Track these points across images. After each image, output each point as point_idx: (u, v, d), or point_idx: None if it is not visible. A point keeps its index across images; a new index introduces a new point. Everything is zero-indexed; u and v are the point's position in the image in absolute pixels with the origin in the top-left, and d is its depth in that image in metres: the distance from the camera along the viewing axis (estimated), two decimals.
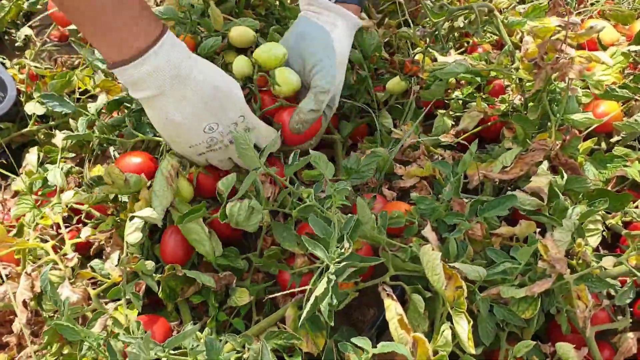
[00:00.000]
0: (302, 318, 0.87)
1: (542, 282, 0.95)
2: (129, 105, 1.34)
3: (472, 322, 0.89)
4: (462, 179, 1.11)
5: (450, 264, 0.95)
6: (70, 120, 1.38)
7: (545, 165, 1.07)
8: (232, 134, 1.06)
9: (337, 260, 0.88)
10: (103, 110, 1.35)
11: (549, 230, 1.08)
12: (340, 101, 1.46)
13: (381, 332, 1.20)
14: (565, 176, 1.08)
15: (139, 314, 1.05)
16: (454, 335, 0.90)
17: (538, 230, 1.03)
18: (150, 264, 1.02)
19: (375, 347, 0.86)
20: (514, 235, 1.10)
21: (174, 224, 1.14)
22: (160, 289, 1.10)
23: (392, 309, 0.95)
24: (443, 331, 0.90)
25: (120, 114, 1.37)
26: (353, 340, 0.87)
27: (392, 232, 1.12)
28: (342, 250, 0.88)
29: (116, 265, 1.04)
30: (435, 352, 0.90)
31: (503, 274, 0.99)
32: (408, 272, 1.04)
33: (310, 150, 1.04)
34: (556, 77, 1.13)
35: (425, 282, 1.02)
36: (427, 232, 1.04)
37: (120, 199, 1.21)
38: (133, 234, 1.02)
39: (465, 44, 1.69)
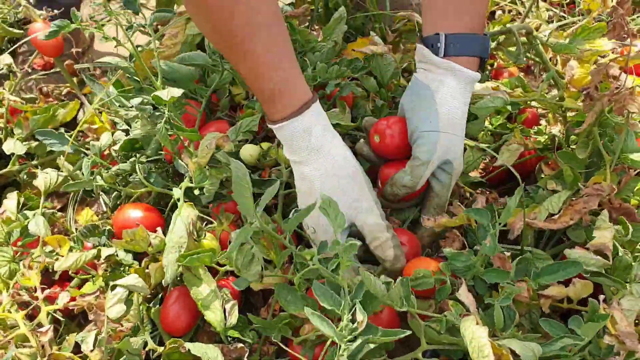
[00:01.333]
0: None
1: None
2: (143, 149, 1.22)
3: None
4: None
5: (498, 342, 0.79)
6: (59, 159, 1.24)
7: (606, 216, 0.91)
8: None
9: (348, 338, 0.72)
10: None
11: (607, 292, 0.92)
12: (356, 134, 1.32)
13: None
14: (631, 228, 0.91)
15: None
16: None
17: (602, 297, 0.86)
18: (136, 342, 0.86)
19: None
20: (565, 297, 0.94)
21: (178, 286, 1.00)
22: None
23: None
24: None
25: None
26: None
27: (420, 293, 0.97)
28: (355, 325, 0.73)
29: (93, 348, 0.88)
30: None
31: (561, 350, 0.83)
32: (443, 345, 0.88)
33: (321, 193, 0.88)
34: (610, 109, 0.97)
35: (462, 355, 0.88)
36: (463, 294, 0.88)
37: (116, 256, 1.06)
38: (114, 307, 0.87)
39: (489, 67, 1.54)
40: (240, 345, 0.94)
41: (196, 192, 1.09)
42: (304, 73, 1.26)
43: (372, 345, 0.75)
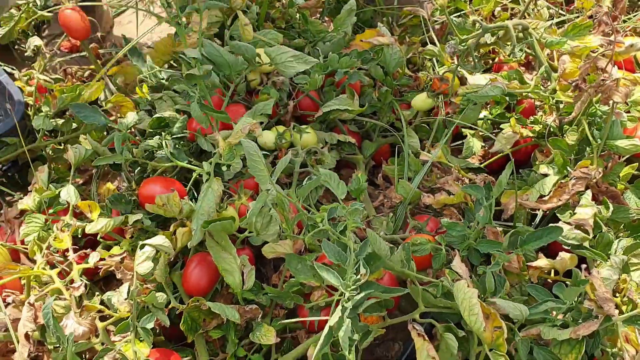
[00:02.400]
0: (316, 351, 0.80)
1: (588, 324, 0.87)
2: (168, 127, 1.28)
3: None
4: (494, 207, 1.04)
5: (488, 301, 0.88)
6: (82, 136, 1.32)
7: (589, 195, 1.00)
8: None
9: (352, 287, 0.80)
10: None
11: (590, 264, 1.01)
12: (362, 120, 1.40)
13: None
14: (611, 207, 1.00)
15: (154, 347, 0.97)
16: None
17: (584, 266, 0.95)
18: (161, 297, 0.95)
19: None
20: (552, 269, 1.03)
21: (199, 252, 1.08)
22: (182, 321, 1.02)
23: (424, 351, 0.87)
24: None
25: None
26: None
27: (420, 264, 1.05)
28: (359, 277, 0.81)
29: (125, 299, 0.97)
30: None
31: (545, 313, 0.92)
32: (439, 309, 0.97)
33: (321, 170, 0.96)
34: (598, 99, 1.06)
35: (457, 319, 0.95)
36: (457, 264, 0.97)
37: (142, 223, 1.15)
38: (143, 263, 0.96)
39: (490, 61, 1.63)
40: (254, 306, 1.03)
41: (224, 168, 1.17)
42: (318, 62, 1.35)
43: (373, 300, 0.83)
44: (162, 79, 1.25)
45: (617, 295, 0.98)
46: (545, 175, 1.14)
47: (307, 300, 1.04)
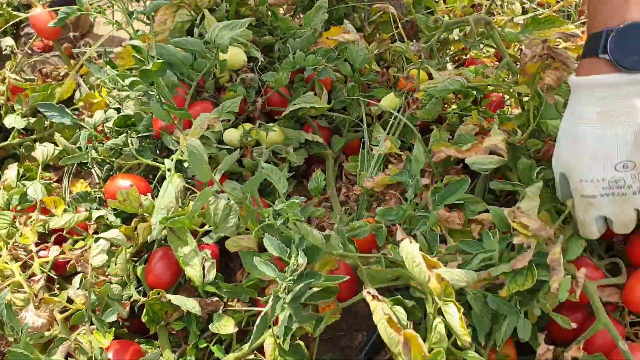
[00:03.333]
0: (249, 343, 0.81)
1: (523, 256, 0.88)
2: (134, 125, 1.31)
3: (462, 310, 0.82)
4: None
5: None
6: (56, 134, 1.34)
7: (497, 124, 1.03)
8: None
9: (289, 278, 0.82)
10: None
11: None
12: (333, 115, 1.42)
13: (373, 355, 1.15)
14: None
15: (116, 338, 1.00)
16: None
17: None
18: (117, 288, 0.96)
19: None
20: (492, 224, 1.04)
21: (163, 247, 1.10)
22: (144, 313, 1.05)
23: (379, 310, 0.87)
24: (436, 326, 0.83)
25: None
26: None
27: (367, 247, 1.08)
28: (294, 267, 0.82)
29: (77, 289, 0.99)
30: (430, 350, 0.83)
31: (481, 263, 0.93)
32: (389, 284, 0.98)
33: (263, 164, 0.97)
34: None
35: (407, 293, 0.96)
36: (399, 233, 0.98)
37: (106, 218, 1.17)
38: (98, 256, 0.98)
39: (463, 57, 1.65)
40: (216, 299, 1.05)
41: (185, 164, 1.19)
42: (286, 59, 1.37)
43: (316, 288, 0.85)
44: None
45: None
46: None
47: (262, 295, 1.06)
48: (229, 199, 0.96)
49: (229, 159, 0.93)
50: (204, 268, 1.06)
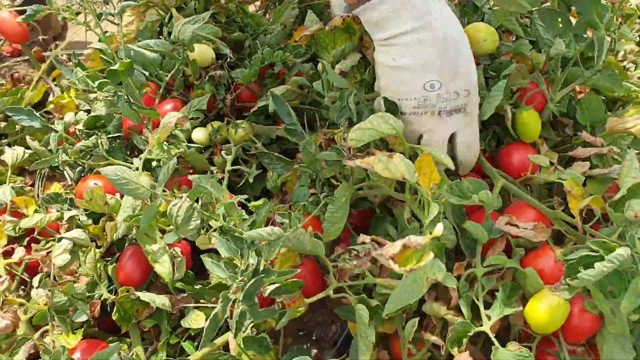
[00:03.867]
0: (203, 339, 0.83)
1: None
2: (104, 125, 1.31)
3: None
4: None
5: None
6: (27, 138, 1.34)
7: None
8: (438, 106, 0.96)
9: (239, 279, 0.83)
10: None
11: None
12: (308, 109, 1.42)
13: (347, 346, 1.16)
14: None
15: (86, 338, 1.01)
16: None
17: None
18: (80, 287, 0.97)
19: None
20: None
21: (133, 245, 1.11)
22: (115, 311, 1.05)
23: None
24: None
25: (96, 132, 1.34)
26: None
27: None
28: (244, 268, 0.83)
29: (37, 288, 0.99)
30: None
31: None
32: (353, 283, 0.99)
33: (194, 177, 0.96)
34: None
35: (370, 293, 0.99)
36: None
37: (77, 219, 1.17)
38: (60, 255, 0.98)
39: None
40: (186, 295, 1.06)
41: (154, 164, 1.20)
42: (255, 55, 1.37)
43: (274, 285, 0.86)
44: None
45: None
46: None
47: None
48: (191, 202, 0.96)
49: (165, 169, 0.93)
50: (173, 265, 1.07)
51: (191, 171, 1.23)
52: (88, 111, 1.37)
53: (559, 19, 1.06)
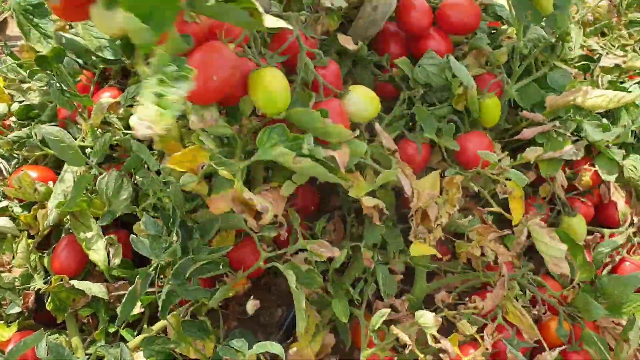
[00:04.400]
0: (119, 315, 0.83)
1: None
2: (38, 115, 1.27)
3: None
4: None
5: None
6: None
7: None
8: None
9: (162, 256, 0.82)
10: None
11: None
12: None
13: (291, 331, 1.16)
14: None
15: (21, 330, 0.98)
16: None
17: None
18: (8, 277, 0.95)
19: (252, 348, 0.81)
20: None
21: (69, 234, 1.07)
22: (49, 301, 1.03)
23: None
24: None
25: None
26: (231, 343, 0.83)
27: None
28: (167, 245, 0.83)
29: None
30: None
31: None
32: (282, 251, 0.98)
33: (134, 142, 0.95)
34: None
35: None
36: None
37: (11, 209, 1.14)
38: None
39: None
40: (123, 282, 1.04)
41: (88, 150, 1.17)
42: None
43: (200, 263, 0.85)
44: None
45: None
46: None
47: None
48: (121, 171, 0.95)
49: (100, 142, 0.92)
50: (109, 253, 1.05)
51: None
52: (22, 102, 1.33)
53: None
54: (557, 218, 1.24)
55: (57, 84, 1.13)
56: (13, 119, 1.29)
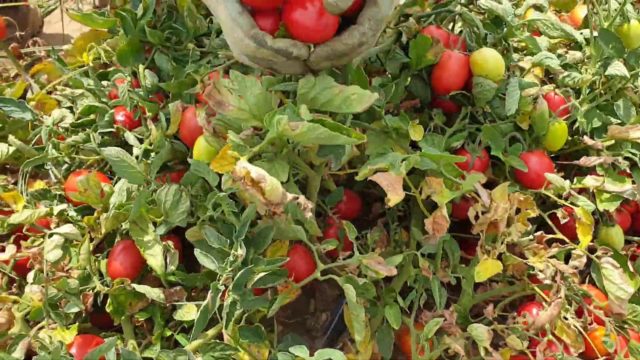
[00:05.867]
0: (193, 330, 0.84)
1: None
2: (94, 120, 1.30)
3: None
4: None
5: None
6: (10, 136, 1.33)
7: None
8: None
9: (229, 269, 0.84)
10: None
11: None
12: None
13: (337, 335, 1.18)
14: None
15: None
16: None
17: None
18: (74, 282, 0.97)
19: (312, 355, 0.84)
20: None
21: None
22: (108, 304, 1.05)
23: None
24: None
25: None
26: (291, 349, 0.85)
27: None
28: (234, 258, 0.84)
29: (31, 284, 0.99)
30: None
31: None
32: (337, 264, 0.98)
33: (190, 160, 0.96)
34: None
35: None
36: None
37: (67, 214, 1.17)
38: (52, 251, 0.98)
39: None
40: (179, 288, 1.07)
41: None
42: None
43: (261, 274, 0.87)
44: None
45: None
46: None
47: None
48: (180, 185, 0.97)
49: (158, 157, 0.94)
50: (166, 259, 1.07)
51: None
52: (70, 108, 1.36)
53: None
54: (596, 227, 1.26)
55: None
56: (63, 124, 1.31)
